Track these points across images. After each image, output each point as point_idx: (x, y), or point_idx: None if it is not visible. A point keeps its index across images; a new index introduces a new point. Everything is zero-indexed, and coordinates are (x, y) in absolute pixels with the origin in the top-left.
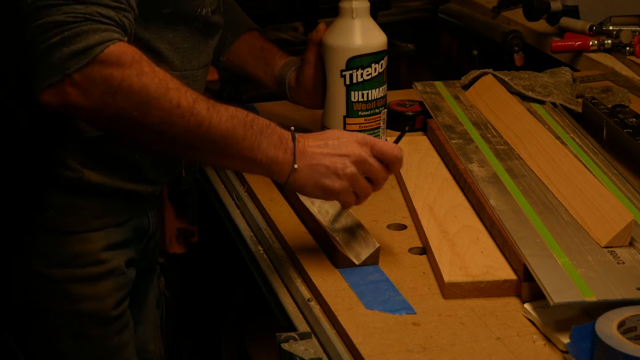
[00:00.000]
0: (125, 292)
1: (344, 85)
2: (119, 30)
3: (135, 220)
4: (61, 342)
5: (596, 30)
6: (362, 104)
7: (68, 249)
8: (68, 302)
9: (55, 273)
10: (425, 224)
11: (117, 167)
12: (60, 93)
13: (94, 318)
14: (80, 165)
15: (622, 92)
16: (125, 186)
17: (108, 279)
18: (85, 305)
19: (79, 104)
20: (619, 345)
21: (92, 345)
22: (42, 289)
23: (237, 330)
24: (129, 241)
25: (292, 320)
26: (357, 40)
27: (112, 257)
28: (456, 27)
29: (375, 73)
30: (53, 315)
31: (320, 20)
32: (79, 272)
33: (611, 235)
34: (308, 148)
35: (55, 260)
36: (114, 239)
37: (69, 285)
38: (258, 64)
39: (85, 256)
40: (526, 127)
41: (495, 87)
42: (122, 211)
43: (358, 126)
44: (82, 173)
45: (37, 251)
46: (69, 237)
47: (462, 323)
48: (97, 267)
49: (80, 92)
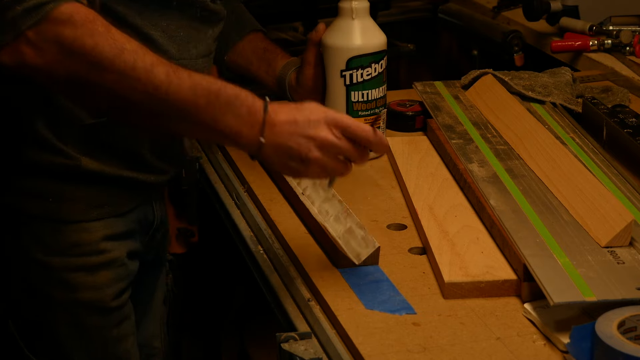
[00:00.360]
0: (125, 284)
1: (344, 85)
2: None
3: (139, 212)
4: (60, 330)
5: (596, 30)
6: (362, 104)
7: (66, 237)
8: (66, 291)
9: (54, 261)
10: (425, 224)
11: (116, 154)
12: (15, 52)
13: (92, 307)
14: (77, 152)
15: (622, 92)
16: (125, 174)
17: (107, 269)
18: (83, 294)
19: (34, 63)
20: (619, 345)
21: (90, 335)
22: (41, 276)
23: (237, 330)
24: (131, 232)
25: (292, 320)
26: (357, 40)
27: (112, 247)
28: (456, 27)
29: (375, 73)
30: (52, 303)
31: (320, 20)
32: (76, 260)
33: (611, 235)
34: (277, 126)
35: (53, 248)
36: (115, 229)
37: (67, 274)
38: (260, 64)
39: (83, 245)
40: (526, 127)
41: (495, 87)
42: (124, 201)
43: None
44: (79, 160)
45: (35, 239)
46: (67, 225)
47: (462, 323)
48: (96, 256)
49: (35, 51)
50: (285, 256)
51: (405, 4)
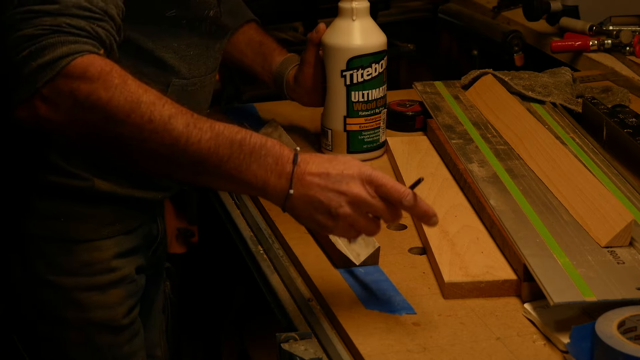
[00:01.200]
0: (135, 300)
1: (344, 85)
2: (92, 42)
3: (144, 227)
4: (71, 349)
5: (596, 30)
6: (363, 104)
7: (78, 257)
8: (78, 311)
9: (65, 281)
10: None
11: (128, 175)
12: (31, 108)
13: (105, 326)
14: (91, 174)
15: (622, 92)
16: (136, 193)
17: (119, 286)
18: (95, 314)
19: (50, 118)
20: (619, 345)
21: (102, 354)
22: (52, 297)
23: (237, 330)
24: (138, 248)
25: (292, 320)
26: (358, 40)
27: (122, 264)
28: (456, 27)
29: (375, 73)
30: (63, 323)
31: (320, 20)
32: (89, 280)
33: (611, 235)
34: (307, 176)
35: (65, 268)
36: (125, 246)
37: (78, 294)
38: (256, 57)
39: (95, 264)
40: (526, 127)
41: (495, 87)
42: (132, 218)
43: (358, 126)
44: (92, 182)
45: (46, 260)
46: (79, 245)
47: (462, 323)
48: (108, 275)
49: (50, 107)
50: (285, 256)
51: (405, 4)
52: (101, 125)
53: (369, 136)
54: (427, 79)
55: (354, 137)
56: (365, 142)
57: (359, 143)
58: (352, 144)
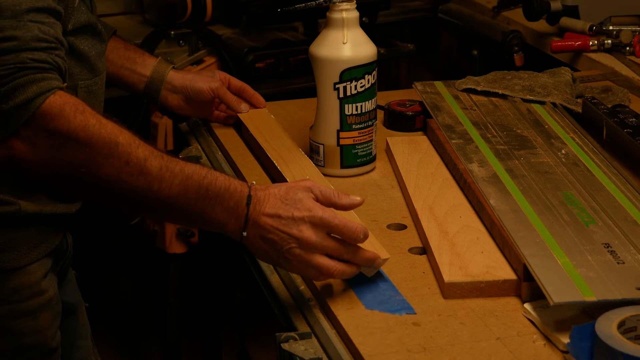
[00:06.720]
0: (59, 320)
1: (337, 98)
2: (55, 75)
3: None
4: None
5: (596, 30)
6: (356, 117)
7: (8, 284)
8: (10, 339)
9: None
10: (425, 224)
11: (53, 192)
12: (6, 149)
13: (36, 351)
14: (16, 197)
15: (622, 92)
16: (58, 209)
17: (47, 309)
18: (27, 340)
19: (26, 158)
20: (619, 345)
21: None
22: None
23: (237, 330)
24: (53, 266)
25: (292, 320)
26: (350, 51)
27: (48, 285)
28: (456, 27)
29: (368, 84)
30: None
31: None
32: (19, 306)
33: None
34: (261, 217)
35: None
36: (47, 265)
37: (10, 321)
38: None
39: (24, 289)
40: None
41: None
42: (54, 236)
43: (352, 140)
44: (18, 205)
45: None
46: (9, 273)
47: (462, 323)
48: (38, 298)
49: (28, 147)
50: None
51: (405, 4)
52: (77, 166)
53: (362, 149)
54: (427, 79)
55: (348, 151)
56: (359, 156)
57: (353, 157)
58: (345, 159)
